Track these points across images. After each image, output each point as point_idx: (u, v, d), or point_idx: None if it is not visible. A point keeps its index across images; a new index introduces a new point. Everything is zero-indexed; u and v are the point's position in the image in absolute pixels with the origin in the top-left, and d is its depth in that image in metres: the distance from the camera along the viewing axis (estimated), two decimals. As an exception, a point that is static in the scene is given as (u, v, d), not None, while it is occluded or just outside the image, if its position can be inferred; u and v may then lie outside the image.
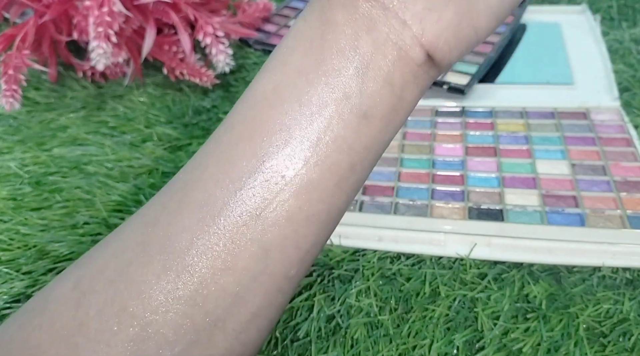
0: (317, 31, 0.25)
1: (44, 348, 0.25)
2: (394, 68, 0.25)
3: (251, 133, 0.25)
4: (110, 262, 0.26)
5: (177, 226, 0.25)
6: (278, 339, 0.36)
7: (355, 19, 0.24)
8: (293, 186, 0.25)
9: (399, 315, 0.37)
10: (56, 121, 0.58)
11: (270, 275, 0.26)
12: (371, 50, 0.24)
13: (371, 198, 0.45)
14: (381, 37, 0.24)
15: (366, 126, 0.25)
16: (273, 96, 0.25)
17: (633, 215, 0.41)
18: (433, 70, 0.26)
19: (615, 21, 0.66)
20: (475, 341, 0.35)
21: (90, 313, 0.25)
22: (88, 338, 0.25)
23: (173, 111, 0.58)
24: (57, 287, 0.27)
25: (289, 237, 0.25)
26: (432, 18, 0.24)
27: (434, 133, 0.52)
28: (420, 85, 0.26)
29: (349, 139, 0.25)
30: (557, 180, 0.45)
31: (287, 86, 0.25)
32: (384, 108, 0.25)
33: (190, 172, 0.26)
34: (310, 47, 0.25)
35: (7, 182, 0.50)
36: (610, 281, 0.38)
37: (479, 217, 0.43)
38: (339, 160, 0.25)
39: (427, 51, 0.25)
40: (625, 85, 0.55)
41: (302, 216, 0.25)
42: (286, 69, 0.25)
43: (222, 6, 0.63)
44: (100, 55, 0.51)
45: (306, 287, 0.39)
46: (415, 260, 0.41)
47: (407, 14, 0.24)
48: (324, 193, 0.25)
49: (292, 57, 0.25)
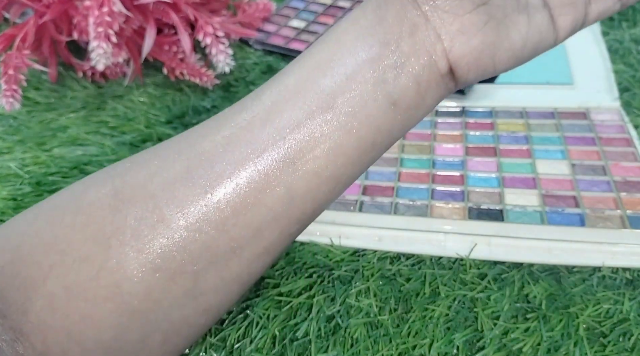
0: (371, 22, 0.29)
1: (75, 246, 0.28)
2: (423, 70, 0.29)
3: (300, 92, 0.29)
4: (153, 178, 0.29)
5: (222, 157, 0.29)
6: (277, 338, 0.36)
7: (403, 20, 0.28)
8: (326, 146, 0.28)
9: (398, 315, 0.37)
10: (56, 121, 0.58)
11: (289, 218, 0.30)
12: (409, 50, 0.28)
13: (371, 198, 0.45)
14: (419, 42, 0.28)
15: (393, 112, 0.29)
16: (325, 65, 0.29)
17: (633, 215, 0.41)
18: (452, 83, 0.30)
19: (615, 21, 0.66)
20: (475, 341, 0.35)
21: (128, 219, 0.28)
22: (122, 242, 0.28)
23: (173, 111, 0.58)
24: (92, 191, 0.30)
25: (312, 189, 0.29)
26: (462, 39, 0.28)
27: (434, 133, 0.52)
28: (440, 93, 0.30)
29: (379, 119, 0.29)
30: (557, 180, 0.45)
31: (339, 60, 0.29)
32: (409, 102, 0.29)
33: (239, 114, 0.30)
34: (363, 34, 0.29)
35: (7, 182, 0.50)
36: (610, 282, 0.38)
37: (479, 217, 0.43)
38: (366, 134, 0.29)
39: (451, 65, 0.29)
40: (625, 85, 0.55)
41: (327, 174, 0.29)
42: (340, 45, 0.29)
43: (222, 6, 0.63)
44: (101, 55, 0.51)
45: (306, 288, 0.39)
46: (415, 260, 0.41)
47: (442, 30, 0.28)
48: (347, 160, 0.29)
49: (346, 37, 0.29)
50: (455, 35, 0.28)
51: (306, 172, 0.29)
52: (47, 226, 0.29)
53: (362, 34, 0.29)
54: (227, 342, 0.36)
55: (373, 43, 0.28)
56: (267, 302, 0.38)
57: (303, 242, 0.42)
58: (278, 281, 0.39)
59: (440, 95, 0.30)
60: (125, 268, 0.27)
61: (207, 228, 0.28)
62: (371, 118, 0.29)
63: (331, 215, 0.43)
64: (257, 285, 0.39)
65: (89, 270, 0.28)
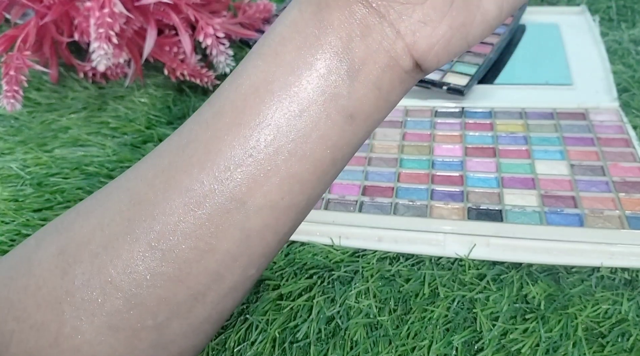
0: (313, 29, 0.25)
1: (29, 312, 0.27)
2: (383, 74, 0.26)
3: (239, 125, 0.26)
4: (95, 233, 0.27)
5: (162, 207, 0.26)
6: (277, 340, 0.36)
7: (351, 23, 0.25)
8: (277, 179, 0.26)
9: (398, 315, 0.37)
10: (57, 122, 0.58)
11: (250, 256, 0.27)
12: (363, 55, 0.25)
13: (371, 198, 0.45)
14: (374, 44, 0.25)
15: (351, 126, 0.26)
16: (264, 89, 0.26)
17: (632, 216, 0.41)
18: (419, 74, 0.27)
19: (614, 22, 0.66)
20: (474, 342, 0.35)
21: (76, 282, 0.26)
22: (75, 306, 0.26)
23: (174, 112, 0.58)
24: (39, 249, 0.28)
25: (269, 224, 0.27)
26: (426, 32, 0.25)
27: (434, 134, 0.52)
28: (406, 88, 0.27)
29: (334, 137, 0.26)
30: (556, 180, 0.45)
31: (278, 80, 0.25)
32: (370, 110, 0.26)
33: (176, 153, 0.27)
34: (304, 44, 0.25)
35: (8, 183, 0.50)
36: (608, 282, 0.38)
37: (478, 217, 0.43)
38: (323, 156, 0.26)
39: (416, 61, 0.26)
40: (624, 86, 0.56)
41: (283, 205, 0.26)
42: (278, 61, 0.26)
43: (222, 7, 0.63)
44: (102, 56, 0.51)
45: (306, 289, 0.39)
46: (415, 261, 0.41)
47: (401, 24, 0.25)
48: (306, 185, 0.26)
49: (284, 49, 0.26)
50: (418, 27, 0.25)
51: (259, 208, 0.26)
52: (3, 289, 0.28)
53: (303, 45, 0.25)
54: (227, 346, 0.36)
55: (317, 54, 0.25)
56: (266, 305, 0.38)
57: (303, 242, 0.43)
58: (278, 283, 0.40)
59: (405, 90, 0.28)
60: (82, 333, 0.26)
61: (160, 282, 0.26)
62: (326, 138, 0.26)
63: (331, 216, 0.44)
64: (256, 287, 0.39)
65: (47, 337, 0.26)
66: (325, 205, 0.45)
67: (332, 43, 0.25)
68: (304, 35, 0.25)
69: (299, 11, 0.26)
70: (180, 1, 0.56)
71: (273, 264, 0.41)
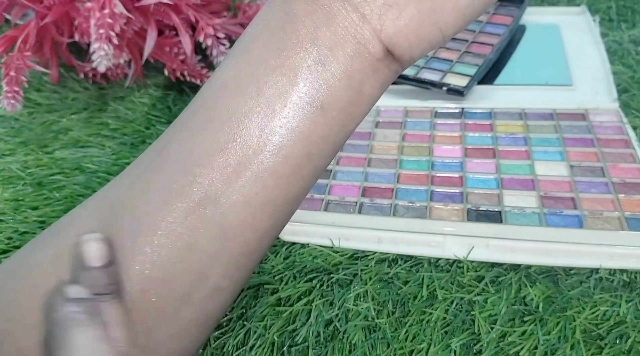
0: (279, 21, 0.26)
1: (23, 313, 0.27)
2: (352, 61, 0.25)
3: (211, 121, 0.26)
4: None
5: (142, 208, 0.27)
6: (275, 344, 0.36)
7: (315, 10, 0.25)
8: (249, 173, 0.26)
9: (396, 318, 0.37)
10: (58, 123, 0.58)
11: (229, 254, 0.27)
12: (330, 42, 0.25)
13: (370, 200, 0.45)
14: (340, 30, 0.25)
15: (323, 117, 0.26)
16: (233, 84, 0.26)
17: (631, 217, 0.41)
18: (395, 64, 0.27)
19: (614, 22, 0.66)
20: (473, 344, 0.35)
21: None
22: None
23: (174, 111, 0.59)
24: (36, 253, 0.29)
25: (246, 220, 0.27)
26: (392, 14, 0.25)
27: (433, 135, 0.52)
28: (381, 79, 0.27)
29: (306, 130, 0.26)
30: (556, 181, 0.45)
31: (246, 75, 0.26)
32: (342, 101, 0.26)
33: (155, 154, 0.28)
34: (271, 37, 0.26)
35: (9, 184, 0.50)
36: (607, 284, 0.38)
37: (478, 218, 0.43)
38: (294, 149, 0.26)
39: (386, 46, 0.26)
40: (624, 87, 0.56)
41: (258, 201, 0.26)
42: (247, 57, 0.26)
43: (222, 7, 0.63)
44: (102, 56, 0.51)
45: (305, 293, 0.39)
46: (413, 263, 0.41)
47: (366, 8, 0.25)
48: (280, 180, 0.26)
49: (253, 45, 0.26)
50: (383, 10, 0.25)
51: (234, 204, 0.26)
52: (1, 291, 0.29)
53: (272, 37, 0.26)
54: (226, 350, 0.37)
55: (283, 47, 0.25)
56: (265, 309, 0.38)
57: (303, 244, 0.43)
58: (277, 287, 0.40)
59: (382, 82, 0.27)
60: None
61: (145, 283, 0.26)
62: (296, 131, 0.26)
63: (331, 217, 0.44)
64: (255, 292, 0.39)
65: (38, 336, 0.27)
66: (324, 207, 0.45)
67: (298, 33, 0.25)
68: (271, 29, 0.26)
69: (268, 7, 0.26)
70: (181, 2, 0.56)
71: (272, 268, 0.41)
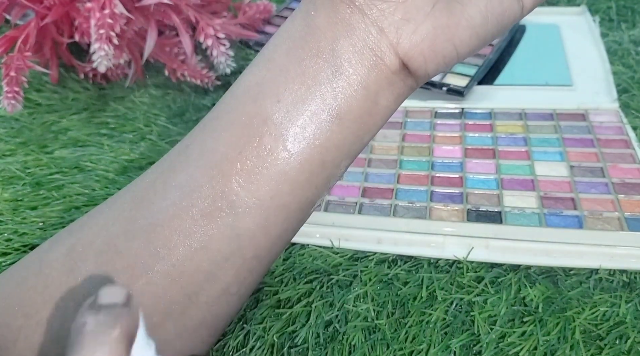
0: (301, 33, 0.27)
1: (37, 308, 0.28)
2: (369, 73, 0.26)
3: (231, 125, 0.27)
4: (100, 233, 0.28)
5: (160, 205, 0.27)
6: (275, 346, 0.36)
7: (335, 23, 0.26)
8: (266, 177, 0.26)
9: (396, 319, 0.37)
10: (58, 123, 0.58)
11: (241, 256, 0.28)
12: (348, 54, 0.26)
13: (370, 200, 0.45)
14: (359, 42, 0.26)
15: (338, 126, 0.27)
16: (255, 90, 0.27)
17: (631, 217, 0.41)
18: (410, 79, 0.28)
19: (614, 22, 0.66)
20: (472, 345, 0.35)
21: (79, 279, 0.27)
22: (77, 303, 0.27)
23: (173, 110, 0.59)
24: (51, 250, 0.30)
25: (259, 224, 0.27)
26: (409, 29, 0.25)
27: (433, 135, 0.52)
28: (396, 92, 0.28)
29: (322, 137, 0.26)
30: (556, 182, 0.45)
31: (268, 82, 0.27)
32: (358, 111, 0.27)
33: (177, 154, 0.29)
34: (293, 47, 0.27)
35: (9, 184, 0.50)
36: (607, 284, 0.38)
37: (478, 219, 0.43)
38: (310, 156, 0.27)
39: (402, 60, 0.26)
40: (624, 87, 0.56)
41: (272, 205, 0.27)
42: (270, 66, 0.27)
43: (222, 8, 0.63)
44: (102, 57, 0.51)
45: (305, 294, 0.39)
46: (413, 264, 0.41)
47: (384, 21, 0.25)
48: (294, 185, 0.27)
49: (275, 54, 0.27)
50: (400, 24, 0.25)
51: (249, 207, 0.27)
52: (15, 288, 0.29)
53: (293, 47, 0.26)
54: (225, 352, 0.36)
55: (304, 57, 0.26)
56: (265, 311, 0.38)
57: (303, 244, 0.43)
58: (277, 288, 0.40)
59: (397, 96, 0.28)
60: None
61: (155, 279, 0.27)
62: (312, 138, 0.26)
63: (331, 218, 0.44)
64: (255, 293, 0.39)
65: (50, 332, 0.27)
66: (325, 207, 0.45)
67: (319, 44, 0.26)
68: (293, 39, 0.27)
69: (291, 19, 0.28)
70: (181, 2, 0.56)
71: (272, 269, 0.41)
